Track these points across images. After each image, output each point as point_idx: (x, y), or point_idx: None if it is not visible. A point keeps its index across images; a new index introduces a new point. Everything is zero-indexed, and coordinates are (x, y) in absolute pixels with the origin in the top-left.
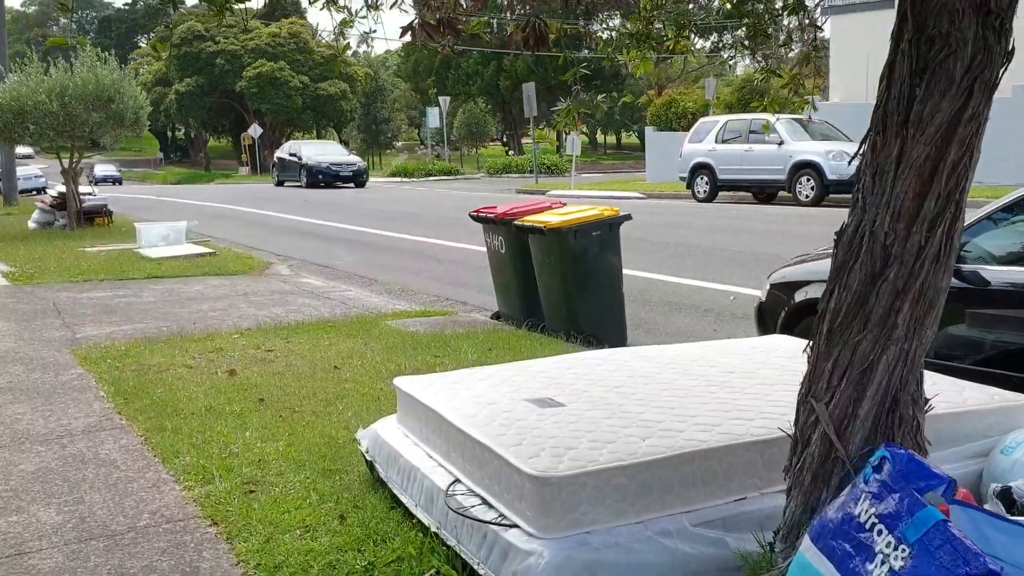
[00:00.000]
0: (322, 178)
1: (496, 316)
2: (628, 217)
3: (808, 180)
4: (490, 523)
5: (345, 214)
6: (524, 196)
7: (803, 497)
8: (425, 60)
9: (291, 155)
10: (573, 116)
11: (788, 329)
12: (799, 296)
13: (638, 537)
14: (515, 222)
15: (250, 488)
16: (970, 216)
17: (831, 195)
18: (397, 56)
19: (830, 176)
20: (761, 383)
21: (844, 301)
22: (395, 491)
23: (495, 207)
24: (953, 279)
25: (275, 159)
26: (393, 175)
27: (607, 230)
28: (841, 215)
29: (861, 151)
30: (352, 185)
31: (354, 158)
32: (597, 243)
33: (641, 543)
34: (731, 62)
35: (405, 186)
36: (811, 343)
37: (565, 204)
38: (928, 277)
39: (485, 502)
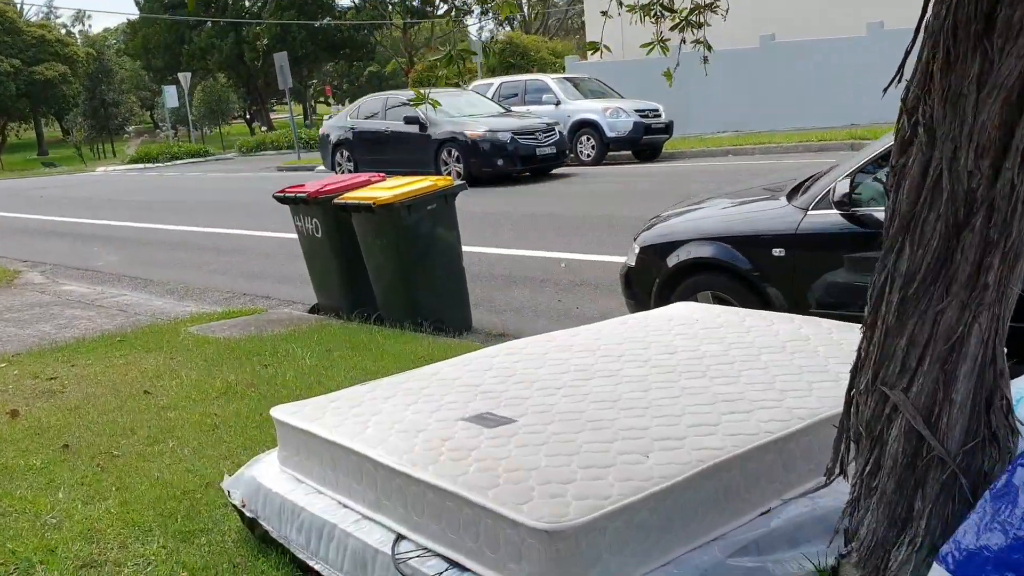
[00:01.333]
0: (519, 162)
1: (315, 309)
2: (464, 186)
3: (588, 139)
4: None
5: (90, 208)
6: (290, 174)
7: (887, 509)
8: (155, 36)
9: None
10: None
11: (664, 294)
12: (673, 260)
13: None
14: (335, 200)
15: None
16: (858, 157)
17: (610, 153)
18: (122, 33)
19: (609, 134)
20: (719, 363)
21: (920, 262)
22: (300, 556)
23: (303, 185)
24: (848, 223)
25: (328, 135)
26: (134, 161)
27: (443, 202)
28: (625, 171)
29: (899, 79)
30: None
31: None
32: (433, 217)
33: None
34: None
35: (151, 172)
36: (866, 319)
37: (385, 177)
38: (1021, 223)
39: (455, 565)
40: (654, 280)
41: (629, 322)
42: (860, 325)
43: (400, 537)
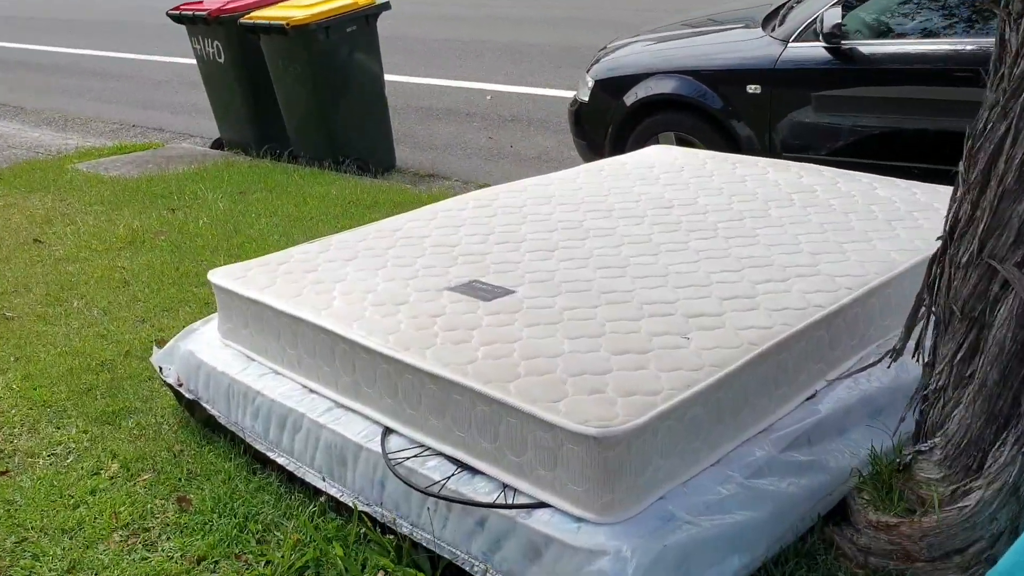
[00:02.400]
0: None
1: (219, 144)
2: (387, 5)
3: None
4: (499, 507)
5: None
6: None
7: (986, 402)
8: None
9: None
10: None
11: (621, 135)
12: (632, 97)
13: (725, 486)
14: (241, 20)
15: None
16: None
17: None
18: None
19: None
20: (727, 219)
21: None
22: (258, 447)
23: (202, 1)
24: (835, 58)
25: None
26: None
27: (364, 24)
28: None
29: None
30: None
31: None
32: (353, 41)
33: (733, 496)
34: None
35: None
36: (969, 176)
37: None
38: None
39: (464, 467)
40: (609, 119)
41: (606, 169)
42: (948, 182)
43: (388, 431)
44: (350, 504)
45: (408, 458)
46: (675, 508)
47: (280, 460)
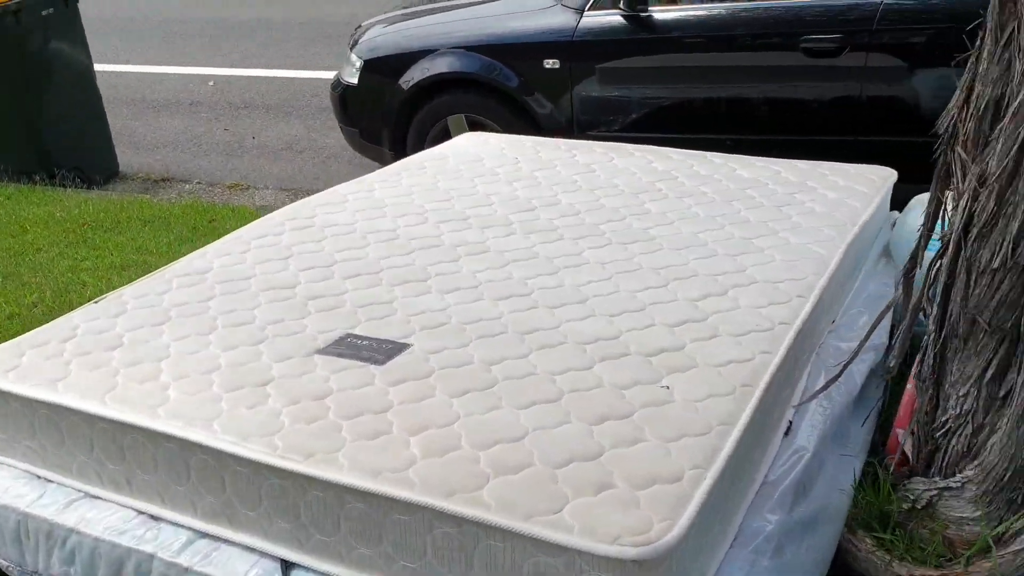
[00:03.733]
0: None
1: None
2: None
3: None
4: None
5: None
6: None
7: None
8: None
9: None
10: None
11: (401, 120)
12: (412, 77)
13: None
14: None
15: None
16: None
17: None
18: None
19: None
20: (607, 221)
21: None
22: None
23: None
24: (634, 26)
25: None
26: None
27: (62, 5)
28: None
29: None
30: None
31: None
32: (50, 26)
33: None
34: None
35: None
36: (957, 169)
37: None
38: None
39: None
40: (386, 103)
41: (428, 166)
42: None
43: (288, 566)
44: None
45: None
46: None
47: None
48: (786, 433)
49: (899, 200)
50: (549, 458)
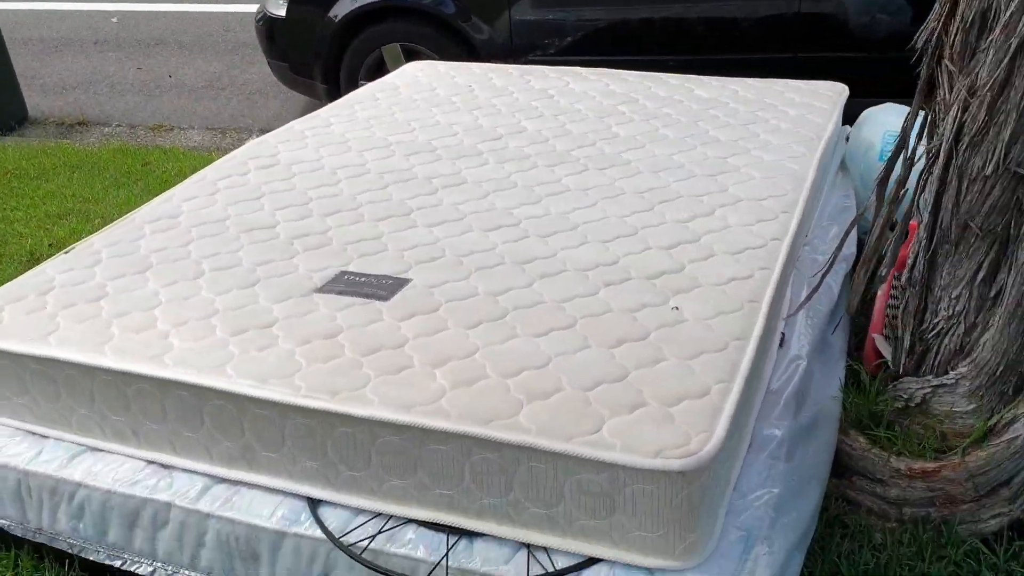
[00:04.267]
0: None
1: None
2: None
3: None
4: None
5: None
6: None
7: (1020, 324)
8: None
9: None
10: None
11: (333, 52)
12: (344, 7)
13: (769, 479)
14: None
15: None
16: None
17: None
18: None
19: None
20: (579, 147)
21: None
22: (96, 557)
23: None
24: None
25: None
26: None
27: None
28: None
29: None
30: None
31: None
32: None
33: (779, 489)
34: None
35: None
36: (944, 82)
37: None
38: None
39: (457, 534)
40: (317, 35)
41: (381, 98)
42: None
43: (316, 503)
44: None
45: (372, 536)
46: (744, 522)
47: (140, 570)
48: (780, 345)
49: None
50: (577, 382)
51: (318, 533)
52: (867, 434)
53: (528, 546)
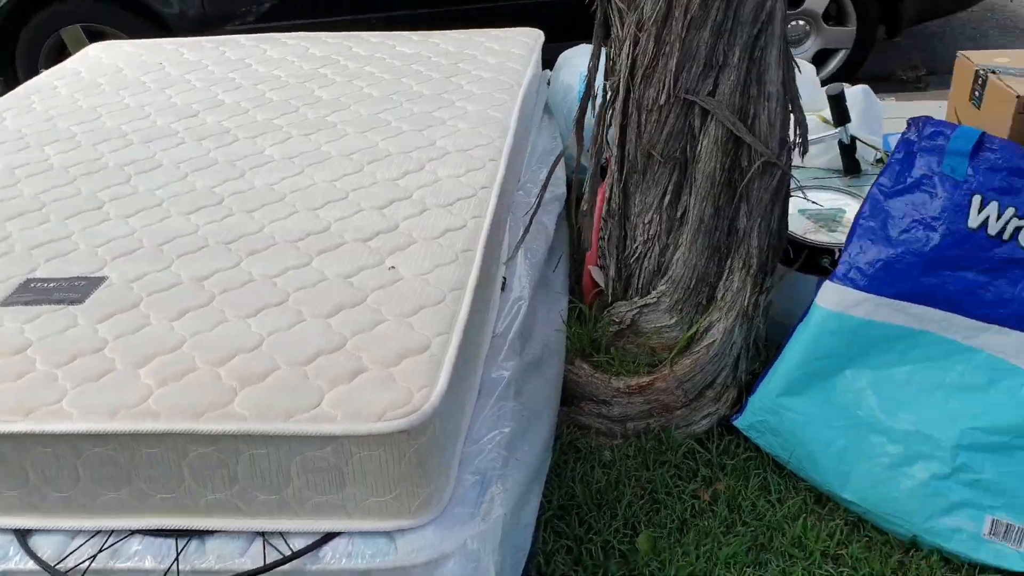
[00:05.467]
0: None
1: None
2: None
3: None
4: (275, 565)
5: None
6: None
7: (705, 239)
8: None
9: None
10: None
11: (9, 38)
12: None
13: (501, 420)
14: None
15: None
16: None
17: None
18: None
19: None
20: (281, 113)
21: None
22: None
23: None
24: None
25: None
26: None
27: None
28: None
29: None
30: None
31: None
32: None
33: (511, 428)
34: None
35: None
36: (647, 16)
37: None
38: None
39: (188, 536)
40: None
41: (61, 87)
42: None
43: (25, 534)
44: None
45: (93, 556)
46: (478, 466)
47: None
48: (503, 289)
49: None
50: (293, 358)
51: (32, 565)
52: (590, 361)
53: (263, 534)
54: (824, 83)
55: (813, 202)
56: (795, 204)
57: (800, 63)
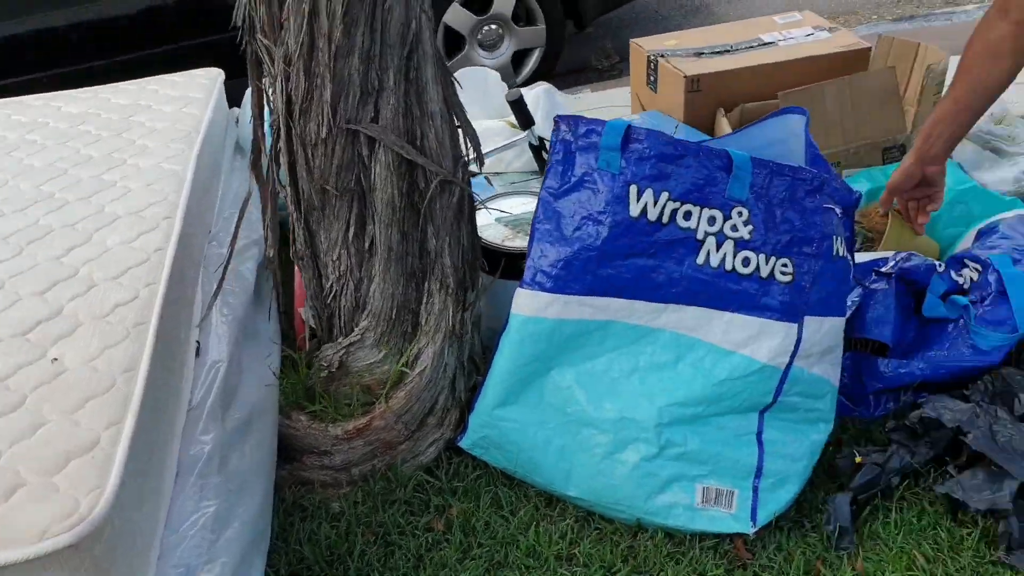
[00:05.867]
0: None
1: None
2: None
3: None
4: None
5: None
6: None
7: (399, 266)
8: None
9: None
10: None
11: None
12: None
13: (203, 503)
14: None
15: None
16: None
17: None
18: None
19: None
20: None
21: None
22: None
23: None
24: None
25: None
26: None
27: None
28: None
29: None
30: None
31: None
32: None
33: (216, 511)
34: None
35: None
36: (291, 49)
37: None
38: None
39: None
40: None
41: None
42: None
43: None
44: None
45: None
46: (181, 557)
47: None
48: (197, 354)
49: (234, 97)
50: None
51: None
52: (306, 411)
53: None
54: (526, 82)
55: (500, 210)
56: (492, 213)
57: (488, 72)
